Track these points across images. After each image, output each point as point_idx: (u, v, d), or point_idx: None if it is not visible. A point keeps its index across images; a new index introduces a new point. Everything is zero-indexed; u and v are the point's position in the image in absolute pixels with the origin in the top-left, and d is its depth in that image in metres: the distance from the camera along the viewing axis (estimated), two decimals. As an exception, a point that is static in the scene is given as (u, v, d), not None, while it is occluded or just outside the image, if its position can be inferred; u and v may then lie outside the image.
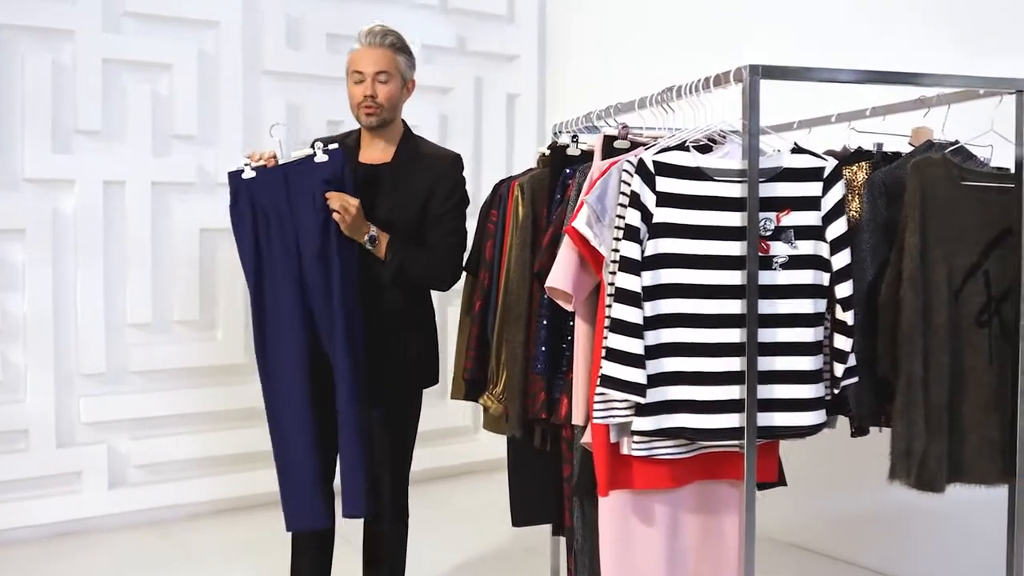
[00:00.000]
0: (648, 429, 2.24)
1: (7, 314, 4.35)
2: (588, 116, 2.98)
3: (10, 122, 4.32)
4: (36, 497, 4.41)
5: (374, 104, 2.92)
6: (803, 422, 2.29)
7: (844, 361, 2.33)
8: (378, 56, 2.90)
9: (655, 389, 2.23)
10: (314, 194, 2.80)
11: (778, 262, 2.28)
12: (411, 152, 3.02)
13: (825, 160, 2.34)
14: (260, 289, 2.85)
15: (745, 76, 2.17)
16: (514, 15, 5.72)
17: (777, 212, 2.28)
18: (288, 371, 2.86)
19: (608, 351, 2.21)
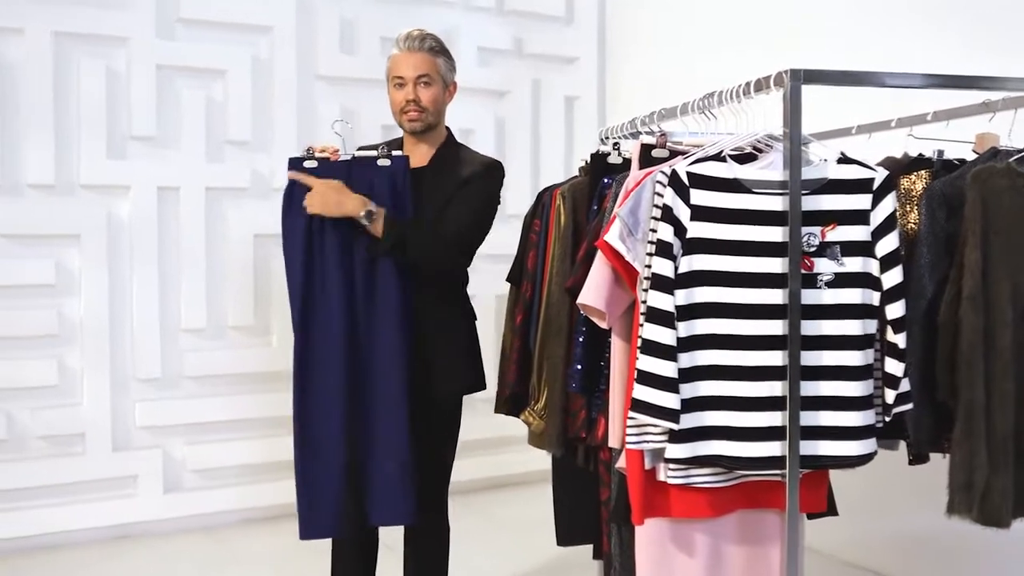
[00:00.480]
0: (682, 457, 2.12)
1: (64, 319, 4.38)
2: (633, 122, 2.86)
3: (66, 129, 4.35)
4: (92, 500, 4.44)
5: (417, 108, 2.87)
6: (851, 451, 2.14)
7: (896, 387, 2.17)
8: (418, 60, 2.86)
9: (690, 414, 2.11)
10: (372, 191, 2.76)
11: (823, 280, 2.14)
12: (450, 156, 2.97)
13: (875, 171, 2.18)
14: (309, 283, 2.77)
15: (786, 81, 2.04)
16: (573, 16, 5.61)
17: (822, 226, 2.14)
18: (330, 372, 2.78)
19: (640, 374, 2.09)
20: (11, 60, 4.25)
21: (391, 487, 2.78)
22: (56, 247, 4.36)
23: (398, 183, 2.78)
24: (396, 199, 2.78)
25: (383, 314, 2.76)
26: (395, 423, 2.77)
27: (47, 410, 4.34)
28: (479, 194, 2.91)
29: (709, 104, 2.39)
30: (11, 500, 4.28)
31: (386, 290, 2.76)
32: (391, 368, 2.76)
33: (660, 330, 2.08)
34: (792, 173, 2.05)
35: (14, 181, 4.27)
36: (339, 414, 2.77)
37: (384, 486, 2.78)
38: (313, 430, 2.81)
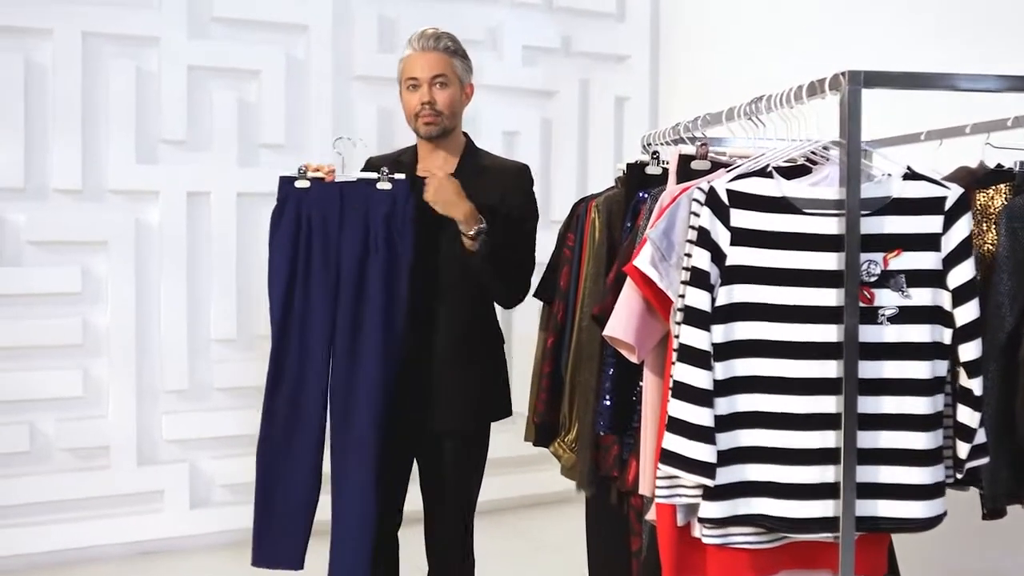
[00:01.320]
0: (718, 516, 1.85)
1: (90, 327, 4.28)
2: (676, 128, 2.60)
3: (95, 132, 4.26)
4: (116, 515, 4.35)
5: (432, 111, 2.71)
6: (915, 513, 1.86)
7: (970, 439, 1.88)
8: (433, 60, 2.72)
9: (728, 468, 1.84)
10: (367, 217, 2.65)
11: (885, 315, 1.86)
12: (474, 164, 2.80)
13: (947, 188, 1.90)
14: (287, 304, 2.72)
15: (843, 84, 1.76)
16: (624, 12, 5.38)
17: (884, 253, 1.85)
18: (307, 395, 2.72)
19: (670, 421, 1.83)
20: (39, 62, 4.16)
21: (355, 546, 2.71)
22: (83, 254, 4.26)
23: (398, 211, 2.65)
24: (393, 227, 2.65)
25: (365, 352, 2.65)
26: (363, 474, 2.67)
27: (71, 422, 4.26)
28: (528, 212, 2.81)
29: (757, 109, 2.11)
30: (34, 514, 4.20)
31: (371, 325, 2.64)
32: (367, 408, 2.65)
33: (694, 371, 1.82)
34: (850, 190, 1.77)
35: (40, 185, 4.19)
36: (314, 434, 2.72)
37: (348, 541, 2.72)
38: (282, 446, 2.76)
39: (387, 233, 2.64)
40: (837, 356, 1.83)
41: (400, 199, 2.64)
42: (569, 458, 2.69)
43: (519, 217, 2.76)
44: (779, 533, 1.92)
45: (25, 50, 4.12)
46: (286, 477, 2.74)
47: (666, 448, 1.84)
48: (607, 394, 2.30)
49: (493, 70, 4.92)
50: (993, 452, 2.03)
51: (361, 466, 2.66)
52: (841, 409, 1.82)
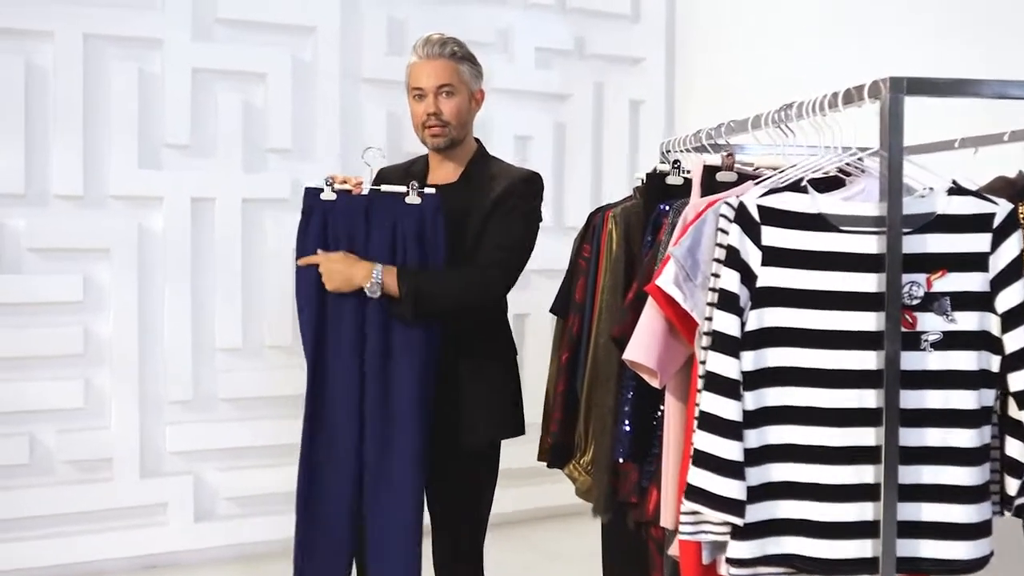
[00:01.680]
0: (748, 556, 1.73)
1: (92, 336, 4.22)
2: (697, 135, 2.48)
3: (97, 136, 4.18)
4: (119, 529, 4.28)
5: (439, 122, 2.61)
6: (960, 554, 1.73)
7: (1019, 475, 1.75)
8: (439, 68, 2.60)
9: (758, 505, 1.72)
10: (394, 232, 2.54)
11: (928, 340, 1.73)
12: (482, 171, 2.69)
13: (996, 204, 1.77)
14: (321, 322, 2.56)
15: (884, 92, 1.64)
16: (639, 13, 5.28)
17: (928, 274, 1.73)
18: (342, 418, 2.57)
19: (696, 454, 1.71)
20: (40, 64, 4.10)
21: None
22: (84, 261, 4.20)
23: (427, 226, 2.53)
24: (424, 243, 2.53)
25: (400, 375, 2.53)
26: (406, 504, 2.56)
27: (73, 433, 4.19)
28: (518, 212, 2.62)
29: (787, 117, 1.99)
30: (35, 528, 4.14)
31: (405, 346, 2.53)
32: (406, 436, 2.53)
33: (722, 401, 1.70)
34: (892, 206, 1.64)
35: (41, 191, 4.12)
36: (347, 492, 2.58)
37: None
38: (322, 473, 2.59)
39: (417, 248, 2.53)
40: (877, 385, 1.70)
41: (430, 213, 2.53)
42: (584, 481, 2.58)
43: (500, 219, 2.60)
44: (813, 574, 1.80)
45: (25, 52, 4.06)
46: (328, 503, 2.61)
47: (691, 483, 1.72)
48: (626, 419, 2.18)
49: (504, 73, 4.84)
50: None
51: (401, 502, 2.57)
52: (881, 442, 1.69)
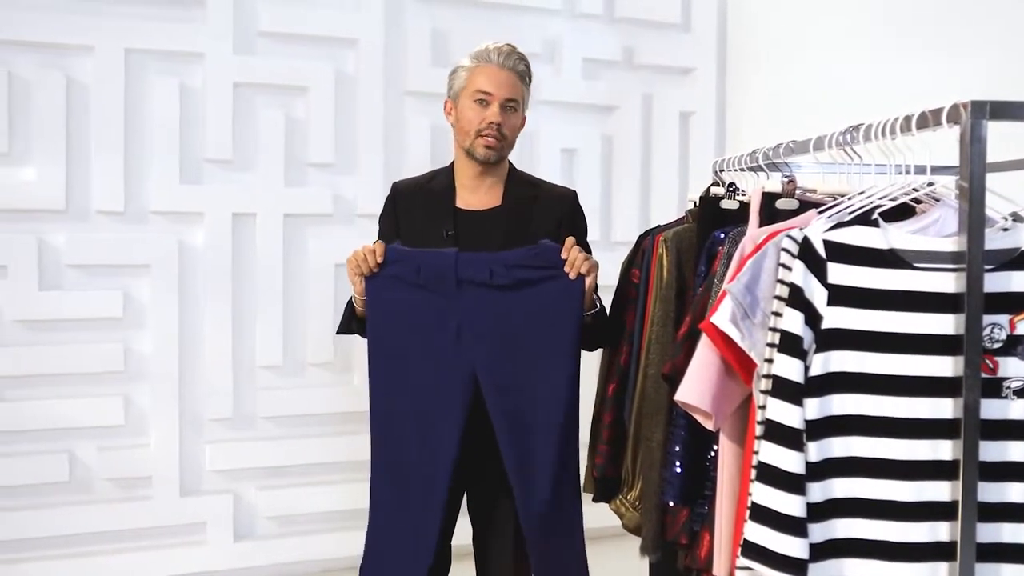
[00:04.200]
0: (811, 619, 1.60)
1: (132, 353, 4.19)
2: (753, 155, 2.35)
3: (137, 151, 4.16)
4: (158, 547, 4.24)
5: (498, 134, 2.52)
6: (1043, 623, 1.60)
7: (1110, 535, 1.62)
8: (511, 81, 2.55)
9: (821, 563, 1.60)
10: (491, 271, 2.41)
11: (1011, 387, 1.60)
12: (524, 193, 2.61)
13: (1086, 238, 1.64)
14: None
15: (964, 116, 1.51)
16: (690, 23, 5.15)
17: (1011, 315, 1.60)
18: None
19: (754, 508, 1.59)
20: (81, 80, 4.07)
21: None
22: (124, 277, 4.16)
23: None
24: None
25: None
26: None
27: (112, 451, 4.16)
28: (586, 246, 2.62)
29: (853, 139, 1.86)
30: (73, 545, 4.12)
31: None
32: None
33: (783, 452, 1.57)
34: (972, 241, 1.51)
35: (82, 207, 4.09)
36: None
37: None
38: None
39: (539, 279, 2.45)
40: (953, 435, 1.58)
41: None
42: (632, 517, 2.47)
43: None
44: (881, 638, 1.67)
45: (66, 67, 4.04)
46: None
47: (748, 539, 1.60)
48: (677, 460, 2.07)
49: (551, 84, 4.75)
50: None
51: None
52: (958, 497, 1.56)
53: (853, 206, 1.71)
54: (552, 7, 4.82)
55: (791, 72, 4.68)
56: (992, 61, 3.35)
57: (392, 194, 2.73)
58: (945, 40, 3.66)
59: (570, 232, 2.51)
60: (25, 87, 3.97)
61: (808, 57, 4.57)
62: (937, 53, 3.67)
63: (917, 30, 3.83)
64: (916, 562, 1.60)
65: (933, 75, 3.60)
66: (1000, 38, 3.38)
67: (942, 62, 3.60)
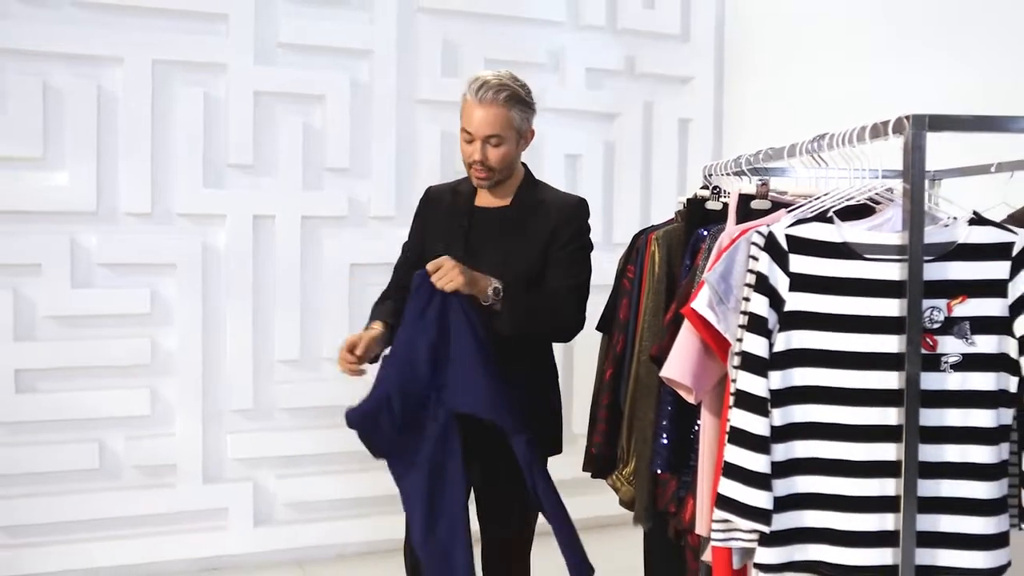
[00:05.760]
0: (774, 562, 1.84)
1: (158, 348, 4.35)
2: (737, 160, 2.58)
3: (164, 157, 4.32)
4: (182, 532, 4.41)
5: (484, 168, 2.69)
6: (977, 563, 1.83)
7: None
8: (491, 117, 2.62)
9: (784, 514, 1.83)
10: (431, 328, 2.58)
11: (948, 362, 1.83)
12: (533, 197, 2.79)
13: (1015, 233, 1.86)
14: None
15: (907, 128, 1.74)
16: (689, 34, 5.32)
17: (948, 299, 1.82)
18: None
19: (727, 466, 1.82)
20: (111, 89, 4.24)
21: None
22: (151, 276, 4.33)
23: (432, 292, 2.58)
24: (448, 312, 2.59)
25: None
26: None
27: (140, 440, 4.32)
28: (579, 245, 2.76)
29: (819, 147, 2.09)
30: (103, 529, 4.28)
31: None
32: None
33: (751, 417, 1.81)
34: (913, 236, 1.74)
35: (111, 209, 4.26)
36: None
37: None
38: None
39: (437, 320, 2.58)
40: (898, 403, 1.80)
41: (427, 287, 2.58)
42: (627, 491, 2.69)
43: (564, 254, 2.71)
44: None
45: (97, 77, 4.21)
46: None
47: (722, 493, 1.83)
48: (664, 433, 2.29)
49: (556, 93, 4.91)
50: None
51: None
52: (901, 457, 1.79)
53: (816, 206, 1.94)
54: (557, 19, 4.99)
55: (785, 81, 4.85)
56: (983, 70, 3.53)
57: (424, 196, 2.94)
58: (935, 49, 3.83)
59: (558, 235, 2.69)
60: (59, 96, 4.14)
61: (801, 67, 4.74)
62: (928, 62, 3.84)
63: (909, 40, 4.00)
64: (867, 513, 1.82)
65: (923, 84, 3.77)
66: (991, 47, 3.56)
67: (932, 71, 3.77)
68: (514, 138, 2.69)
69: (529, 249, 2.70)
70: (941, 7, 3.85)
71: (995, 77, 3.51)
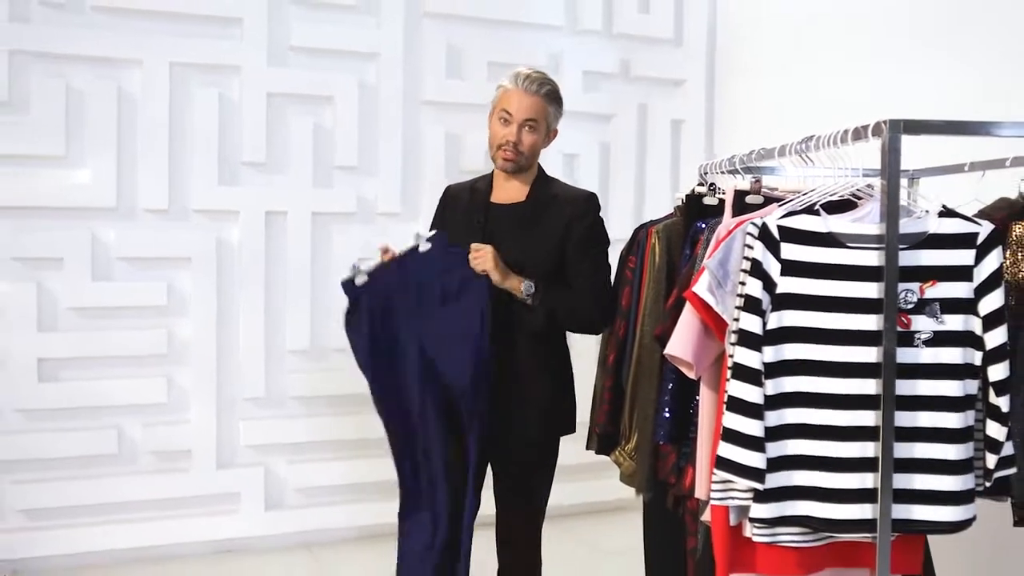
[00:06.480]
0: (768, 516, 2.05)
1: (174, 338, 4.49)
2: (731, 159, 2.79)
3: (180, 155, 4.47)
4: (196, 515, 4.55)
5: (514, 151, 2.86)
6: (946, 517, 2.05)
7: (997, 451, 2.07)
8: (532, 103, 2.84)
9: (776, 474, 2.04)
10: (431, 282, 2.81)
11: (920, 338, 2.05)
12: (546, 192, 2.95)
13: (979, 224, 2.09)
14: (384, 393, 2.87)
15: (885, 132, 1.96)
16: (682, 39, 5.50)
17: (921, 283, 2.04)
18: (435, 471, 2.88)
19: (725, 431, 2.04)
20: (130, 90, 4.39)
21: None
22: (168, 269, 4.47)
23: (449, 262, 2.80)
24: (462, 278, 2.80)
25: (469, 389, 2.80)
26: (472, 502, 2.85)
27: (156, 427, 4.47)
28: (596, 244, 2.94)
29: (806, 147, 2.31)
30: (120, 512, 4.43)
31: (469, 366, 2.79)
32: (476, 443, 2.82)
33: (746, 387, 2.02)
34: (890, 227, 1.96)
35: (130, 205, 4.41)
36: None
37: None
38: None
39: (451, 283, 2.80)
40: (876, 375, 2.02)
41: (441, 250, 2.81)
42: (629, 466, 2.89)
43: (584, 251, 2.89)
44: (822, 533, 2.12)
45: (117, 79, 4.36)
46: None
47: (721, 456, 2.04)
48: (666, 407, 2.50)
49: (554, 95, 5.08)
50: (1022, 465, 2.20)
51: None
52: (880, 423, 2.01)
53: (804, 200, 2.15)
54: (555, 24, 5.16)
55: (774, 84, 5.04)
56: (970, 72, 3.71)
57: (444, 194, 3.12)
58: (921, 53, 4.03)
59: (574, 230, 2.87)
60: (80, 97, 4.30)
61: (789, 70, 4.93)
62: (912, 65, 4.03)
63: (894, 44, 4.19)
64: (849, 472, 2.04)
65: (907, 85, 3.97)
66: (973, 54, 3.74)
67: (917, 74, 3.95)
68: (544, 130, 2.90)
69: (544, 243, 2.86)
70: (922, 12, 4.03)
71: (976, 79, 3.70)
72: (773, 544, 2.12)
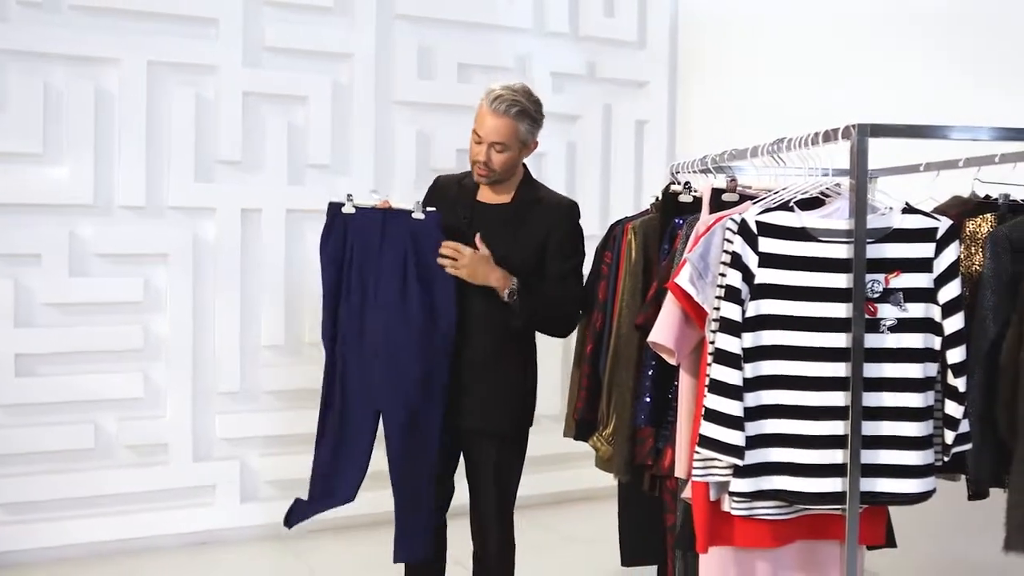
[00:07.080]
0: (746, 491, 2.21)
1: (151, 334, 4.54)
2: (704, 159, 2.95)
3: (158, 153, 4.52)
4: (173, 508, 4.59)
5: (486, 168, 2.94)
6: (909, 489, 2.22)
7: (955, 428, 2.25)
8: (500, 125, 2.88)
9: (754, 451, 2.20)
10: (405, 246, 2.90)
11: (886, 325, 2.22)
12: (530, 196, 3.04)
13: (938, 220, 2.26)
14: (335, 318, 3.00)
15: (853, 135, 2.12)
16: (645, 41, 5.65)
17: (886, 274, 2.22)
18: (355, 411, 3.08)
19: (707, 411, 2.19)
20: (108, 89, 4.43)
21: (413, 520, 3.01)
22: (144, 266, 4.52)
23: (429, 239, 2.90)
24: (429, 251, 2.90)
25: (413, 353, 2.91)
26: (427, 459, 2.99)
27: (132, 421, 4.51)
28: (574, 255, 3.02)
29: (778, 148, 2.47)
30: (98, 506, 4.46)
31: (410, 340, 2.91)
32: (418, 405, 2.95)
33: (727, 371, 2.18)
34: (857, 223, 2.13)
35: (107, 202, 4.45)
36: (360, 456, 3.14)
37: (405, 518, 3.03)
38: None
39: (425, 257, 2.90)
40: (846, 359, 2.20)
41: (431, 228, 2.90)
42: (606, 451, 3.03)
43: (562, 259, 2.98)
44: (796, 506, 2.28)
45: (95, 78, 4.40)
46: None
47: (703, 434, 2.20)
48: (647, 392, 2.65)
49: (523, 96, 5.20)
50: (978, 443, 2.39)
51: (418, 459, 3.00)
52: (849, 403, 2.18)
53: (777, 198, 2.31)
54: (523, 26, 5.28)
55: (735, 86, 5.20)
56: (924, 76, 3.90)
57: (433, 184, 3.20)
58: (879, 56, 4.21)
59: (552, 237, 2.96)
60: (58, 95, 4.33)
61: (748, 72, 5.10)
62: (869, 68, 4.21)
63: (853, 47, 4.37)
64: (820, 449, 2.20)
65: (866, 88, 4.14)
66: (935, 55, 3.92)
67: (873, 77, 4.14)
68: (517, 147, 2.94)
69: (525, 245, 2.96)
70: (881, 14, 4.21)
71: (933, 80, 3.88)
72: (750, 517, 2.28)
